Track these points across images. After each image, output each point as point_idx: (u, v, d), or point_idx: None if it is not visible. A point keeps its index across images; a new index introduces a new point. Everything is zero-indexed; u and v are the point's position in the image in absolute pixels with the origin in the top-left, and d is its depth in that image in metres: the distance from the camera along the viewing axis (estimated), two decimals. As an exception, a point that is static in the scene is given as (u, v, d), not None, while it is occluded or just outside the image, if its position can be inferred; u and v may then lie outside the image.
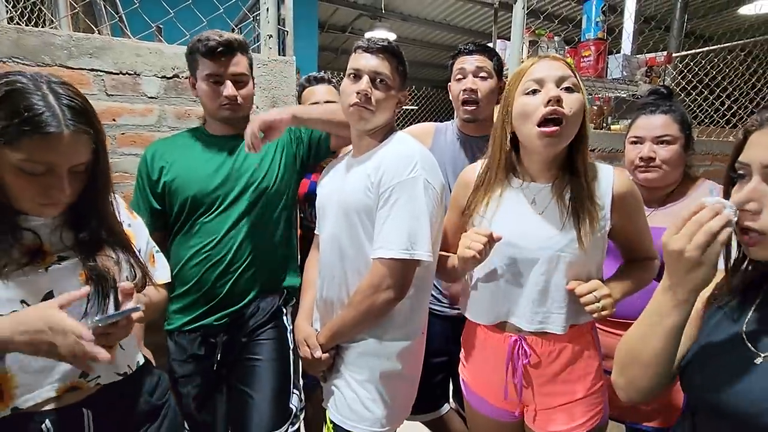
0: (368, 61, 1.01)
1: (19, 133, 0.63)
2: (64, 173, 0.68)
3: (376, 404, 1.02)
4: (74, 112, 0.67)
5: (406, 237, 0.95)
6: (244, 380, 1.19)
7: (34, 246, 0.71)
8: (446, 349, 1.37)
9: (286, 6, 1.59)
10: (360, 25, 6.51)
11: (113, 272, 0.77)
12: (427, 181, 0.98)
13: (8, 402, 0.69)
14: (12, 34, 1.17)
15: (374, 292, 0.98)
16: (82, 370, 0.74)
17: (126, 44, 1.29)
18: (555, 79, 0.86)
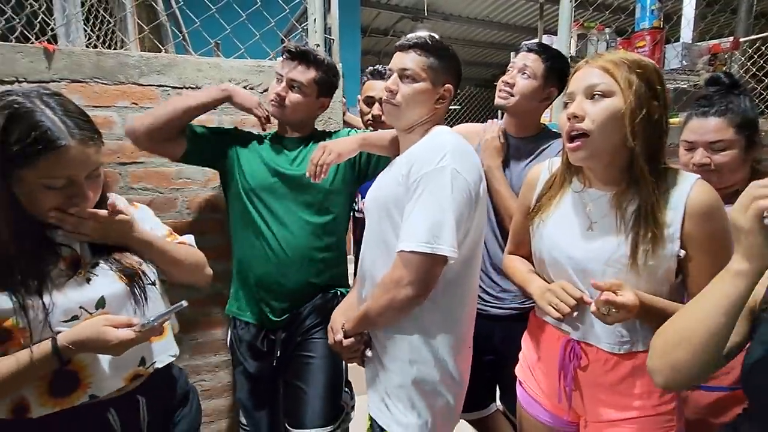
0: (398, 59, 1.02)
1: (33, 153, 0.67)
2: (82, 181, 0.74)
3: (411, 414, 0.98)
4: (74, 122, 0.72)
5: (428, 229, 0.89)
6: (298, 376, 1.25)
7: (73, 257, 0.78)
8: (492, 348, 1.36)
9: (332, 15, 1.65)
10: (402, 27, 6.55)
11: (137, 266, 0.84)
12: (456, 170, 0.91)
13: (86, 389, 0.76)
14: (93, 57, 1.31)
15: (394, 287, 0.93)
16: (141, 357, 0.83)
17: (189, 61, 1.40)
18: (584, 90, 0.83)
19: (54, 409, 0.73)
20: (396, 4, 5.84)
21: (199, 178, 1.45)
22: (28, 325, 0.69)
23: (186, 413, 0.95)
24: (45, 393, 0.73)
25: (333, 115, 1.57)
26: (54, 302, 0.72)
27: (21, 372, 0.68)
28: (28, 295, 0.70)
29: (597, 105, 0.81)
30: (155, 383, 0.87)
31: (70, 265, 0.77)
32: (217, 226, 1.46)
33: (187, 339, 1.48)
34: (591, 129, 0.81)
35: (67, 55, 1.28)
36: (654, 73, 0.82)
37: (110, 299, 0.78)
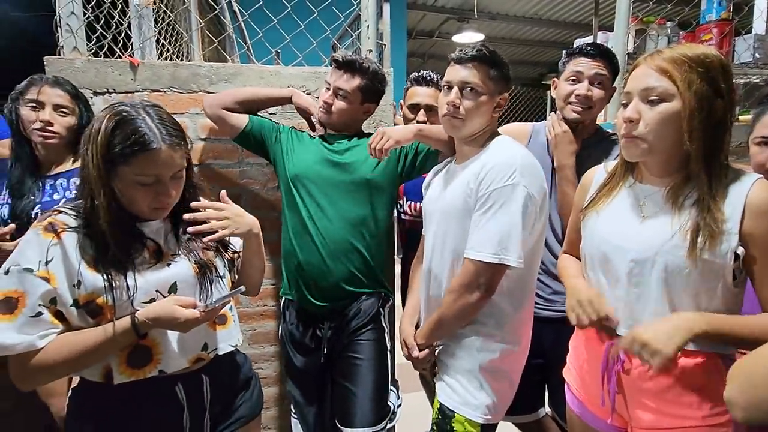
0: (457, 73, 1.06)
1: (131, 153, 0.78)
2: (167, 180, 0.83)
3: (480, 393, 1.08)
4: (167, 129, 0.82)
5: (498, 242, 0.99)
6: (346, 377, 1.30)
7: (157, 248, 0.88)
8: (543, 351, 1.35)
9: (384, 21, 1.70)
10: (447, 28, 6.52)
11: (213, 262, 0.93)
12: (525, 188, 1.00)
13: (156, 364, 0.85)
14: (170, 68, 1.44)
15: (464, 292, 1.04)
16: (204, 342, 0.92)
17: (252, 69, 1.51)
18: (640, 92, 0.80)
19: (130, 378, 0.83)
20: (442, 6, 5.83)
21: (260, 179, 1.55)
22: (113, 303, 0.80)
23: (247, 398, 1.02)
24: (124, 363, 0.83)
25: (384, 118, 1.62)
26: (137, 285, 0.82)
27: (107, 341, 0.79)
28: (117, 277, 0.80)
29: (653, 110, 0.78)
30: (219, 366, 0.95)
31: (153, 254, 0.87)
32: (275, 224, 1.55)
33: (244, 329, 1.58)
34: (645, 134, 0.79)
35: (149, 67, 1.42)
36: (719, 69, 0.77)
37: (181, 285, 0.88)
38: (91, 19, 1.44)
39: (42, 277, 0.76)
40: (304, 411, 1.40)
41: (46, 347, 0.77)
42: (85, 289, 0.79)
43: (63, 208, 0.83)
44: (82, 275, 0.78)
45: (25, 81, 1.24)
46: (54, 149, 1.27)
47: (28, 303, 0.75)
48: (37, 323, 0.76)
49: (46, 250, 0.77)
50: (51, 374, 0.80)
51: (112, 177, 0.80)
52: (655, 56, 0.80)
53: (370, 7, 1.60)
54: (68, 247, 0.79)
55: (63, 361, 0.77)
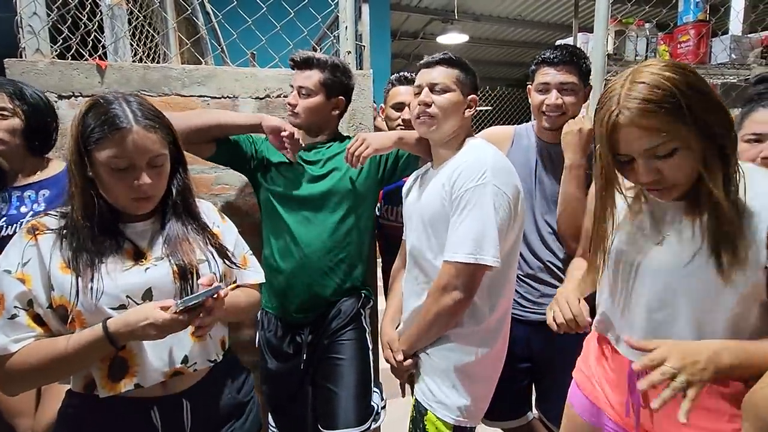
0: (426, 75, 1.09)
1: (102, 133, 0.75)
2: (143, 165, 0.78)
3: (453, 394, 1.07)
4: (143, 113, 0.78)
5: (473, 242, 0.99)
6: (328, 378, 1.27)
7: (134, 250, 0.83)
8: (529, 355, 1.34)
9: (363, 22, 1.68)
10: (432, 29, 6.54)
11: (197, 268, 0.86)
12: (496, 186, 1.00)
13: (132, 377, 0.80)
14: (140, 70, 1.39)
15: (442, 294, 1.03)
16: (184, 355, 0.85)
17: (227, 71, 1.46)
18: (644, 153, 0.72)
19: (109, 393, 0.79)
20: (426, 7, 5.83)
21: (235, 184, 1.50)
22: (79, 306, 0.75)
23: (238, 426, 0.94)
24: (105, 376, 0.79)
25: (364, 120, 1.59)
26: (104, 287, 0.77)
27: (78, 350, 0.74)
28: (84, 278, 0.75)
29: (667, 163, 0.71)
30: (204, 389, 0.89)
31: (131, 256, 0.82)
32: (253, 229, 1.50)
33: (224, 339, 1.53)
34: (672, 184, 0.74)
35: (117, 70, 1.37)
36: (694, 88, 0.70)
37: (157, 292, 0.82)
38: (56, 20, 1.38)
39: (18, 278, 0.75)
40: (284, 419, 1.37)
41: (19, 352, 0.73)
42: (58, 292, 0.76)
43: (50, 211, 0.83)
44: (54, 276, 0.76)
45: None
46: (10, 158, 1.20)
47: (6, 305, 0.74)
48: (13, 326, 0.74)
49: (22, 252, 0.76)
50: (24, 382, 0.77)
51: (88, 165, 0.76)
52: (631, 113, 0.70)
53: (348, 9, 1.57)
54: (43, 248, 0.77)
55: (34, 369, 0.74)
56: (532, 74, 1.33)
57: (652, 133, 0.70)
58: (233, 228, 1.03)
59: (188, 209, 0.91)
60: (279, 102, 1.50)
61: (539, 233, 1.31)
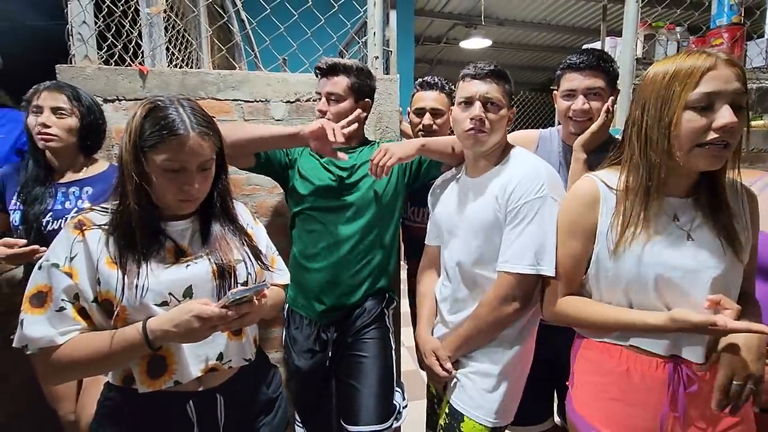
0: (478, 87, 1.07)
1: (159, 137, 0.78)
2: (194, 169, 0.82)
3: (491, 396, 1.09)
4: (197, 119, 0.82)
5: (533, 253, 1.01)
6: (351, 375, 1.30)
7: (176, 249, 0.86)
8: (554, 359, 1.32)
9: (391, 28, 1.71)
10: (455, 34, 6.53)
11: (234, 268, 0.89)
12: (553, 199, 1.03)
13: (171, 375, 0.83)
14: (179, 76, 1.46)
15: (500, 305, 1.05)
16: (219, 352, 0.88)
17: (259, 76, 1.52)
18: (730, 97, 0.74)
19: (149, 389, 0.82)
20: (450, 12, 5.84)
21: (266, 185, 1.55)
22: (123, 301, 0.78)
23: (268, 420, 0.98)
24: (144, 372, 0.82)
25: (390, 124, 1.62)
26: (148, 283, 0.79)
27: (119, 348, 0.76)
28: (130, 274, 0.78)
29: (739, 116, 0.75)
30: (237, 385, 0.92)
31: (172, 254, 0.85)
32: (281, 230, 1.55)
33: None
34: (735, 140, 0.77)
35: (157, 75, 1.44)
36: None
37: (197, 289, 0.84)
38: (102, 28, 1.47)
39: (66, 272, 0.77)
40: (309, 416, 1.40)
41: (64, 345, 0.76)
42: (104, 286, 0.79)
43: (95, 207, 0.86)
44: (101, 271, 0.79)
45: (32, 89, 1.25)
46: (62, 155, 1.28)
47: (54, 297, 0.77)
48: (60, 318, 0.76)
49: (70, 247, 0.79)
50: (66, 374, 0.80)
51: (143, 164, 0.80)
52: (728, 58, 0.76)
53: (377, 15, 1.61)
54: (91, 244, 0.80)
55: (76, 363, 0.76)
56: (558, 79, 1.32)
57: (740, 79, 0.76)
58: (263, 230, 1.06)
59: (227, 211, 0.94)
60: (308, 106, 1.55)
61: None
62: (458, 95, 1.11)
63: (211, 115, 0.87)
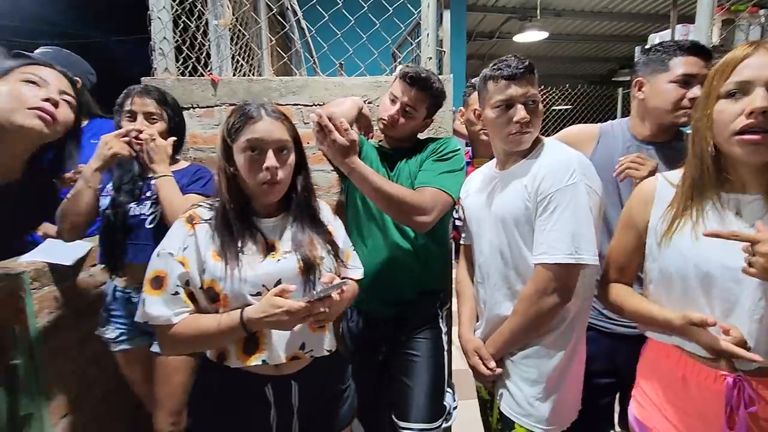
0: (516, 89, 1.03)
1: (240, 124, 0.90)
2: (271, 149, 0.90)
3: (542, 404, 1.06)
4: (272, 109, 0.93)
5: (570, 241, 0.97)
6: (404, 372, 1.32)
7: (266, 244, 0.94)
8: (613, 370, 1.27)
9: (444, 28, 1.72)
10: (509, 28, 6.36)
11: (319, 261, 0.96)
12: (588, 186, 0.99)
13: (261, 353, 0.91)
14: (245, 83, 1.57)
15: (540, 297, 1.01)
16: (302, 342, 0.96)
17: (318, 81, 1.60)
18: (764, 81, 0.73)
19: (241, 365, 0.91)
20: (503, 6, 5.70)
21: (323, 184, 1.63)
22: (227, 292, 0.87)
23: (338, 409, 1.04)
24: (240, 349, 0.92)
25: (443, 124, 1.63)
26: (247, 276, 0.88)
27: (221, 332, 0.87)
28: (232, 267, 0.88)
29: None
30: (312, 374, 0.98)
31: (264, 249, 0.94)
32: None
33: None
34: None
35: (226, 83, 1.56)
36: None
37: (286, 282, 0.91)
38: (179, 42, 1.61)
39: (179, 261, 0.88)
40: (363, 410, 1.45)
41: (178, 324, 0.87)
42: (208, 275, 0.89)
43: (202, 203, 0.98)
44: (207, 262, 0.89)
45: (122, 93, 1.35)
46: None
47: (169, 282, 0.88)
48: (175, 301, 0.88)
49: (183, 239, 0.91)
50: (179, 348, 0.93)
51: (230, 154, 0.92)
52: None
53: (431, 16, 1.62)
54: (199, 236, 0.91)
55: (186, 340, 0.88)
56: (664, 63, 1.19)
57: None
58: (341, 226, 1.12)
59: (310, 208, 1.01)
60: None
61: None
62: (493, 97, 1.06)
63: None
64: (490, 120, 1.09)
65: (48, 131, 1.15)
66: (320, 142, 1.07)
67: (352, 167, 1.09)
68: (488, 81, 1.07)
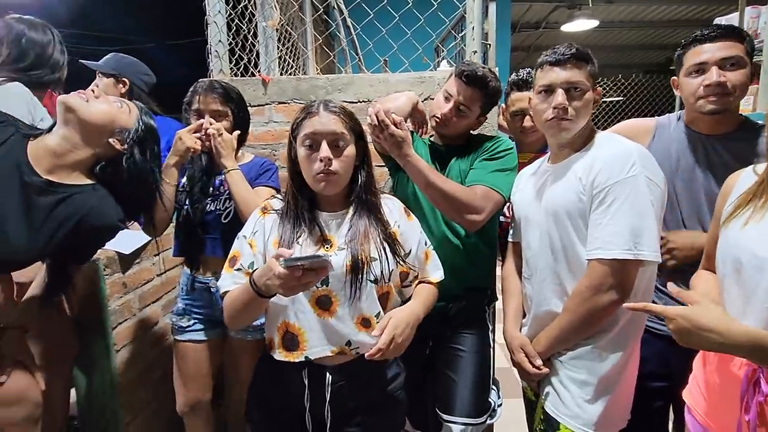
0: (558, 74, 1.02)
1: (301, 120, 0.95)
2: (325, 141, 0.92)
3: (590, 406, 1.02)
4: (332, 104, 0.96)
5: (629, 236, 0.94)
6: (449, 366, 1.33)
7: (322, 237, 0.97)
8: (667, 373, 1.21)
9: (490, 21, 1.69)
10: (556, 17, 6.12)
11: (367, 263, 0.95)
12: (648, 178, 0.95)
13: (303, 350, 0.96)
14: (293, 82, 1.62)
15: (593, 294, 0.98)
16: (348, 339, 0.96)
17: (363, 78, 1.62)
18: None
19: (285, 359, 0.97)
20: (550, -6, 5.50)
21: (367, 180, 1.66)
22: None
23: (376, 420, 1.02)
24: (281, 345, 0.98)
25: (489, 118, 1.61)
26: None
27: (243, 297, 0.91)
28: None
29: None
30: (351, 371, 0.99)
31: (320, 241, 0.97)
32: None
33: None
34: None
35: (276, 83, 1.62)
36: None
37: (333, 280, 0.94)
38: (232, 45, 1.70)
39: (249, 243, 0.98)
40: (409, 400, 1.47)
41: (228, 293, 0.95)
42: (265, 260, 0.95)
43: (276, 195, 1.07)
44: (267, 249, 0.97)
45: (190, 90, 1.37)
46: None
47: (240, 262, 0.97)
48: (236, 276, 0.96)
49: (254, 224, 1.00)
50: (228, 314, 0.96)
51: (294, 148, 0.98)
52: None
53: (476, 9, 1.60)
54: (266, 225, 0.99)
55: (228, 306, 0.95)
56: (679, 60, 1.18)
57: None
58: (417, 225, 1.10)
59: (370, 203, 1.01)
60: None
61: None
62: (537, 83, 1.07)
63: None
64: (533, 106, 1.10)
65: None
66: (376, 136, 1.11)
67: (408, 160, 1.12)
68: (537, 68, 1.09)
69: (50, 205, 0.98)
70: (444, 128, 1.31)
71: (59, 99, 1.01)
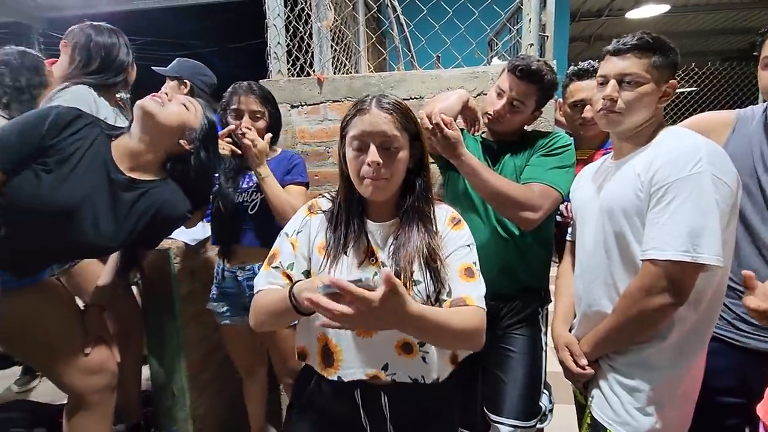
0: (614, 65, 0.98)
1: (351, 117, 0.86)
2: (374, 144, 0.83)
3: (641, 415, 0.97)
4: (385, 101, 0.86)
5: (687, 237, 0.87)
6: (499, 366, 1.30)
7: (368, 248, 0.89)
8: (742, 389, 1.11)
9: (548, 11, 1.63)
10: (620, 4, 5.72)
11: (411, 279, 0.85)
12: (715, 176, 0.88)
13: (337, 369, 0.88)
14: (347, 80, 1.66)
15: (645, 296, 0.92)
16: (386, 363, 0.88)
17: (415, 75, 1.63)
18: None
19: (322, 373, 0.91)
20: (614, -20, 5.16)
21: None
22: None
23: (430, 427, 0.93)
24: (320, 361, 0.91)
25: (545, 113, 1.55)
26: (338, 273, 0.86)
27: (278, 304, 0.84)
28: (332, 264, 0.87)
29: None
30: (402, 393, 0.90)
31: (365, 252, 0.89)
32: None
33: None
34: None
35: (330, 82, 1.67)
36: None
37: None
38: (289, 46, 1.77)
39: (291, 242, 0.92)
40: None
41: (259, 293, 0.89)
42: (310, 266, 0.91)
43: (325, 194, 0.99)
44: (312, 252, 0.91)
45: (228, 91, 1.44)
46: None
47: (278, 260, 0.91)
48: (272, 275, 0.90)
49: (299, 223, 0.94)
50: (256, 315, 0.89)
51: (344, 147, 0.89)
52: None
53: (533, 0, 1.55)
54: (312, 226, 0.93)
55: (259, 307, 0.88)
56: (759, 48, 1.07)
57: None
58: (465, 235, 0.94)
59: (421, 214, 0.91)
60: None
61: (764, 243, 1.08)
62: (598, 74, 1.04)
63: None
64: (593, 99, 1.06)
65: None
66: (428, 138, 1.07)
67: (462, 159, 1.12)
68: (601, 58, 1.05)
69: (132, 199, 1.10)
70: (497, 125, 1.28)
71: (137, 104, 1.12)
